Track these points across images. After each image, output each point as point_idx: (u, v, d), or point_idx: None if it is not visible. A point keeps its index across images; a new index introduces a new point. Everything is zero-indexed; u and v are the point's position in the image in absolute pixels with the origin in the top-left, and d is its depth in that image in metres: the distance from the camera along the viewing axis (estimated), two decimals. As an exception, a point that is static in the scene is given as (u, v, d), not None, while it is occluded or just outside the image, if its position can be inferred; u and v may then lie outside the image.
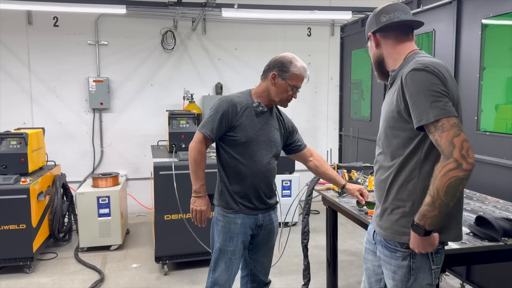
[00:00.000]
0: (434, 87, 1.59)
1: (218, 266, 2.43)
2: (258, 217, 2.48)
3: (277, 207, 2.64)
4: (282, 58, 2.43)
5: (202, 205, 2.39)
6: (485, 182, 3.37)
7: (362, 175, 3.78)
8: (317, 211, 6.06)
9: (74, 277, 4.08)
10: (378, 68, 1.94)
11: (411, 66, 1.66)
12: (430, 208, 1.58)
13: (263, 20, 6.35)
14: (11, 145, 4.30)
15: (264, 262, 2.62)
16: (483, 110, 3.48)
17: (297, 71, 2.39)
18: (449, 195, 1.53)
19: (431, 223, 1.59)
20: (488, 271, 3.42)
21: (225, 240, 2.41)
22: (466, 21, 3.60)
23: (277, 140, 2.52)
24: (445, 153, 1.53)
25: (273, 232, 2.60)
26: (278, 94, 2.42)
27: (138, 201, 6.10)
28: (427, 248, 1.66)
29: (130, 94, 6.14)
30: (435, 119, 1.56)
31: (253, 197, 2.43)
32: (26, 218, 4.06)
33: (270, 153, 2.48)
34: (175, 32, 6.13)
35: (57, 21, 5.81)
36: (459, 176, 1.50)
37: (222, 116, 2.35)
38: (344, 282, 3.89)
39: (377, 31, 1.87)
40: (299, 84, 2.44)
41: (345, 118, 6.17)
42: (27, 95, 5.81)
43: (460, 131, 1.54)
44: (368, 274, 2.07)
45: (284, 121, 2.62)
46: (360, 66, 5.78)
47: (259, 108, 2.42)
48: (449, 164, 1.51)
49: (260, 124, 2.42)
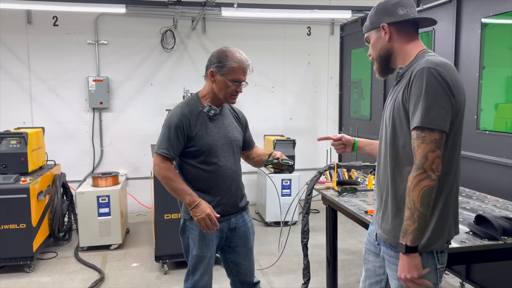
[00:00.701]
0: (436, 94, 1.58)
1: (197, 270, 2.40)
2: (230, 221, 2.42)
3: (248, 207, 2.58)
4: (217, 53, 2.31)
5: (204, 210, 2.23)
6: (485, 181, 3.37)
7: (362, 174, 3.78)
8: (317, 210, 6.07)
9: (74, 276, 4.09)
10: (384, 62, 1.86)
11: (422, 64, 1.63)
12: (410, 222, 1.62)
13: (263, 20, 6.34)
14: (11, 145, 4.30)
15: (246, 264, 2.55)
16: (482, 109, 3.48)
17: (235, 64, 2.26)
18: (425, 205, 1.59)
19: (413, 238, 1.62)
20: (487, 270, 3.42)
21: (201, 247, 2.36)
22: (466, 20, 3.60)
23: (237, 137, 2.45)
24: (417, 163, 1.60)
25: (249, 233, 2.53)
26: (220, 91, 2.30)
27: (138, 201, 6.10)
28: (412, 272, 1.64)
29: (130, 93, 6.14)
30: (419, 125, 1.58)
31: (225, 203, 2.37)
32: (26, 218, 4.06)
33: (233, 154, 2.41)
34: (175, 31, 6.13)
35: (57, 20, 5.81)
36: (429, 185, 1.59)
37: (177, 131, 2.24)
38: (344, 281, 3.89)
39: (393, 24, 1.78)
40: (240, 77, 2.29)
41: (345, 117, 6.17)
42: (27, 95, 5.81)
43: (437, 148, 1.59)
44: (368, 275, 2.05)
45: (238, 116, 2.54)
46: (360, 65, 5.78)
47: (210, 112, 2.32)
48: (420, 175, 1.59)
49: (216, 128, 2.34)
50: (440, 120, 1.59)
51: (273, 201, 5.48)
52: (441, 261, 1.75)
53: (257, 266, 4.31)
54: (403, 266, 1.66)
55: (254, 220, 5.84)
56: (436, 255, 1.73)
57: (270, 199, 5.51)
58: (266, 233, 5.37)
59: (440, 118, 1.58)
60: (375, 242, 1.96)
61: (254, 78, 6.61)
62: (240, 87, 2.32)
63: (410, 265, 1.64)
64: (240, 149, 2.50)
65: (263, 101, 6.61)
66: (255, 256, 4.52)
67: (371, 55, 1.91)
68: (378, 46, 1.84)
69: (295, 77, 6.73)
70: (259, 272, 4.11)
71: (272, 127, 6.60)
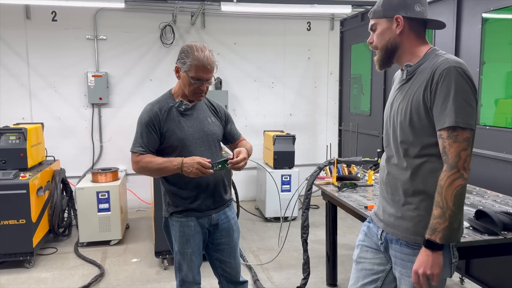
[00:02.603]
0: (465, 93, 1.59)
1: (182, 266, 2.39)
2: (211, 217, 2.39)
3: (231, 203, 2.54)
4: (182, 48, 2.27)
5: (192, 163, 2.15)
6: (485, 176, 3.37)
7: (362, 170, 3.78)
8: (316, 206, 6.07)
9: (74, 272, 4.09)
10: (388, 55, 1.79)
11: (445, 63, 1.61)
12: (441, 220, 1.61)
13: (263, 14, 6.32)
14: (10, 140, 4.29)
15: (231, 262, 2.51)
16: (482, 104, 3.48)
17: (196, 62, 2.18)
18: (457, 204, 1.60)
19: (443, 236, 1.61)
20: (487, 265, 3.43)
21: (182, 243, 2.34)
22: (467, 14, 3.58)
23: (214, 131, 2.39)
24: (450, 163, 1.60)
25: (232, 230, 2.47)
26: (185, 87, 2.26)
27: (138, 196, 6.10)
28: (433, 269, 1.63)
29: (129, 89, 6.12)
30: (452, 125, 1.58)
31: (203, 197, 2.34)
32: (25, 213, 4.06)
33: (209, 148, 2.36)
34: (174, 26, 6.10)
35: (56, 15, 5.78)
36: (462, 184, 1.59)
37: (148, 128, 2.24)
38: (344, 276, 3.90)
39: (408, 19, 1.73)
40: (201, 76, 2.20)
41: (345, 112, 6.17)
42: (26, 90, 5.79)
43: (469, 146, 1.61)
44: (362, 275, 1.98)
45: (216, 109, 2.48)
46: (360, 60, 5.77)
47: (181, 107, 2.29)
48: (454, 174, 1.59)
49: (189, 122, 2.31)
50: (470, 119, 1.60)
51: (273, 197, 5.48)
52: (455, 255, 1.74)
53: (257, 261, 4.31)
54: (426, 261, 1.64)
55: (254, 215, 5.84)
56: (451, 250, 1.72)
57: (270, 194, 5.51)
58: (266, 229, 5.37)
59: (470, 117, 1.60)
60: (379, 241, 1.90)
61: (254, 73, 6.67)
62: (203, 85, 2.25)
63: (434, 262, 1.63)
64: (218, 143, 2.46)
65: (262, 97, 6.59)
66: (255, 252, 4.56)
67: (372, 43, 1.83)
68: (386, 37, 1.77)
69: (295, 73, 6.71)
70: (259, 268, 4.12)
71: (271, 122, 6.59)
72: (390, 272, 1.90)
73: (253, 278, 3.85)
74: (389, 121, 1.85)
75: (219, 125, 2.46)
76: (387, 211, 1.85)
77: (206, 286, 3.36)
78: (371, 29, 1.84)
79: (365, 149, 5.03)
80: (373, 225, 1.96)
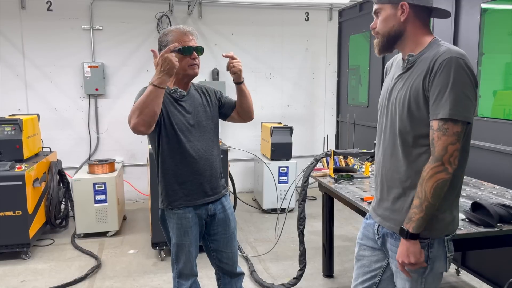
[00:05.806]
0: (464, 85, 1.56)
1: (179, 258, 2.39)
2: (208, 207, 2.39)
3: (227, 194, 2.54)
4: (159, 37, 2.32)
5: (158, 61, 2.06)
6: (482, 168, 3.36)
7: (359, 161, 3.77)
8: (313, 197, 6.08)
9: (71, 263, 4.09)
10: (390, 41, 1.75)
11: (446, 53, 1.58)
12: (417, 210, 1.63)
13: (260, 4, 6.26)
14: (5, 132, 4.26)
15: (228, 252, 2.51)
16: (481, 96, 3.46)
17: (175, 33, 2.25)
18: (436, 197, 1.60)
19: (416, 226, 1.63)
20: (483, 257, 3.44)
21: (179, 235, 2.34)
22: (465, 4, 3.55)
23: (210, 116, 2.41)
24: (436, 155, 1.59)
25: (228, 219, 2.47)
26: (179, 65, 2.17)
27: (135, 188, 6.10)
28: (409, 258, 1.66)
29: (126, 80, 6.08)
30: (446, 116, 1.55)
31: (198, 187, 2.33)
32: (22, 205, 4.05)
33: (205, 135, 2.36)
34: (171, 16, 6.04)
35: (51, 5, 5.71)
36: (444, 178, 1.58)
37: None
38: (340, 267, 3.91)
39: (413, 6, 1.68)
40: (186, 42, 2.24)
41: (343, 104, 6.14)
42: (22, 81, 5.75)
43: (457, 141, 1.58)
44: (361, 272, 1.99)
45: (208, 93, 2.49)
46: (358, 51, 5.73)
47: (177, 94, 2.30)
48: (437, 167, 1.59)
49: (183, 110, 2.31)
50: (467, 111, 1.57)
51: (270, 188, 5.48)
52: (450, 249, 1.75)
53: (253, 252, 4.32)
54: (403, 251, 1.68)
55: (251, 207, 5.85)
56: (446, 243, 1.73)
57: (267, 186, 5.51)
58: (263, 220, 5.38)
59: (466, 110, 1.57)
60: (375, 236, 1.90)
61: (251, 64, 6.62)
62: (194, 54, 2.27)
63: (409, 250, 1.66)
64: (215, 130, 2.45)
65: (260, 88, 6.56)
66: (252, 243, 4.57)
67: (375, 28, 1.79)
68: (390, 23, 1.72)
69: (293, 64, 6.67)
70: (255, 259, 4.13)
71: (269, 114, 6.57)
72: (388, 267, 1.91)
73: (250, 269, 3.85)
74: (386, 110, 1.82)
75: (215, 107, 2.47)
76: (382, 205, 1.85)
77: (203, 277, 3.36)
78: (374, 13, 1.79)
79: (362, 141, 5.02)
80: (371, 220, 1.96)
